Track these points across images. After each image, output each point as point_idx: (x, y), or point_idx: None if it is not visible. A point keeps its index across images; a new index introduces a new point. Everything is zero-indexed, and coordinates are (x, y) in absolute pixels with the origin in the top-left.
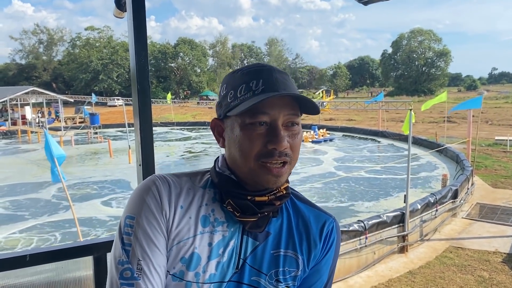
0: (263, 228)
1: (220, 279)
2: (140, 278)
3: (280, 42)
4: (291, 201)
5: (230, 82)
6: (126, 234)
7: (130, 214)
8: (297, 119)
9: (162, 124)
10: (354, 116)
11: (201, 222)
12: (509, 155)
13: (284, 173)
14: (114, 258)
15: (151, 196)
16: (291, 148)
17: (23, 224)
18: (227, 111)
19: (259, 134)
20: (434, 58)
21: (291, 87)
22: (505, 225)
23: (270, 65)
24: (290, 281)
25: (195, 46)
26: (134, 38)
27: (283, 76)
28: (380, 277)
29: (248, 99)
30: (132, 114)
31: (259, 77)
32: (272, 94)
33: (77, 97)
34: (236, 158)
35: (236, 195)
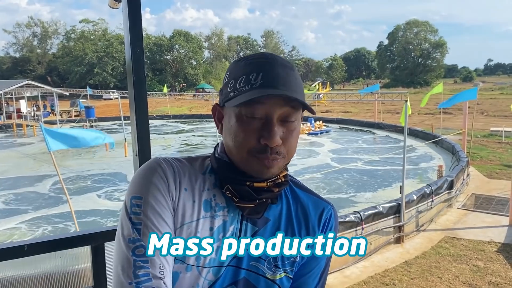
0: (262, 214)
1: (219, 264)
2: (155, 254)
3: (276, 34)
4: (290, 188)
5: (233, 71)
6: (135, 214)
7: (137, 194)
8: (293, 116)
9: (158, 117)
10: (350, 108)
11: (204, 206)
12: (504, 146)
13: (275, 165)
14: (124, 238)
15: (157, 176)
16: (285, 144)
17: (21, 217)
18: (226, 100)
19: (254, 128)
20: (430, 50)
21: (292, 83)
22: (500, 215)
23: (275, 56)
24: (288, 267)
25: (191, 39)
26: (129, 29)
27: (285, 70)
28: (377, 268)
29: (245, 92)
30: (128, 107)
31: (259, 70)
32: (267, 92)
33: (72, 90)
34: (231, 147)
35: (234, 181)
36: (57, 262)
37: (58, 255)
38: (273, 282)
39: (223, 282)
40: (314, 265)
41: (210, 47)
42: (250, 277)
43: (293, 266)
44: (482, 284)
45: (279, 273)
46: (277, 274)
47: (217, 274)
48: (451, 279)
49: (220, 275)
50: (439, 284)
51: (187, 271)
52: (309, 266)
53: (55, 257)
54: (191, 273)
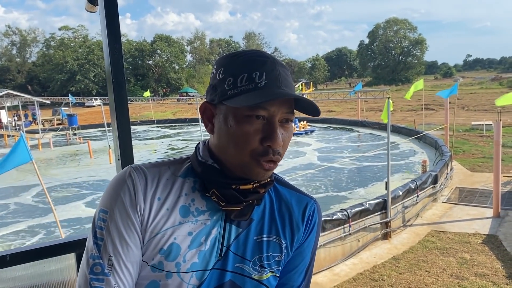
0: (248, 216)
1: (203, 267)
2: (111, 274)
3: (258, 36)
4: (273, 186)
5: (228, 67)
6: (99, 228)
7: (104, 208)
8: (292, 116)
9: (142, 122)
10: (333, 107)
11: (180, 212)
12: (485, 139)
13: (273, 169)
14: (86, 251)
15: (125, 190)
16: (283, 145)
17: (6, 229)
18: (224, 98)
19: (256, 129)
20: (410, 47)
21: (290, 83)
22: (484, 207)
23: (271, 55)
24: (275, 266)
25: (172, 43)
26: (107, 31)
27: (284, 70)
28: (365, 264)
29: (250, 91)
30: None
31: (262, 69)
32: (277, 95)
33: (53, 98)
34: (228, 149)
35: (220, 185)
36: (41, 272)
37: (42, 264)
38: (259, 283)
39: (208, 286)
40: (299, 261)
41: (192, 51)
42: (236, 279)
43: (279, 265)
44: (469, 275)
45: (266, 273)
46: (263, 274)
47: (201, 278)
48: (439, 272)
49: (205, 279)
50: (427, 278)
51: (167, 279)
52: (294, 262)
53: (39, 267)
54: (172, 280)
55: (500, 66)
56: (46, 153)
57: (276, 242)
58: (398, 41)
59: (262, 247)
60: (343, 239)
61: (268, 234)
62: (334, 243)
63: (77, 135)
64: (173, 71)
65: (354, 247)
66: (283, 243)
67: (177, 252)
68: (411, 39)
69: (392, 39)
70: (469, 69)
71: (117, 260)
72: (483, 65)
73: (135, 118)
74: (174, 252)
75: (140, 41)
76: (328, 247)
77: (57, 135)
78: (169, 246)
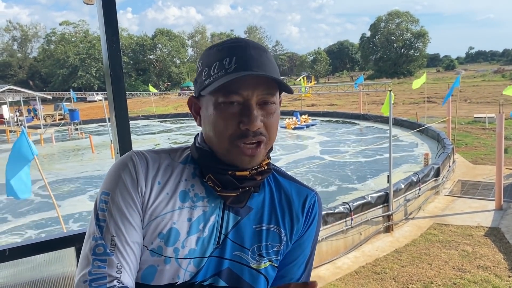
0: (245, 203)
1: (201, 255)
2: (114, 254)
3: (259, 30)
4: (273, 176)
5: (205, 58)
6: (101, 210)
7: (106, 190)
8: (272, 98)
9: (143, 117)
10: (335, 101)
11: (180, 197)
12: (487, 131)
13: (258, 154)
14: (88, 235)
15: (127, 172)
16: (266, 127)
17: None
18: (201, 89)
19: (232, 113)
20: (412, 40)
21: (266, 65)
22: (486, 200)
23: (246, 40)
24: (273, 256)
25: (173, 37)
26: (105, 24)
27: (259, 52)
28: (367, 257)
29: (220, 78)
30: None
31: (232, 54)
32: (242, 74)
33: (55, 93)
34: (212, 137)
35: (216, 170)
36: (41, 266)
37: (42, 258)
38: (257, 272)
39: (205, 273)
40: (299, 254)
41: (193, 45)
42: (234, 267)
43: (278, 255)
44: (471, 268)
45: (264, 262)
46: (261, 263)
47: (199, 265)
48: (441, 264)
49: (202, 266)
50: (429, 271)
51: (166, 264)
52: (294, 254)
53: (39, 261)
54: (170, 266)
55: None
56: (48, 148)
57: (275, 231)
58: (400, 33)
59: (261, 236)
60: (345, 232)
61: (267, 224)
62: (336, 236)
63: (79, 130)
64: (174, 66)
65: (356, 240)
66: (283, 233)
67: (176, 237)
68: (413, 31)
69: (394, 32)
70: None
71: (120, 239)
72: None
73: (137, 113)
74: (173, 237)
75: (141, 35)
76: (330, 240)
77: (59, 130)
78: (168, 230)
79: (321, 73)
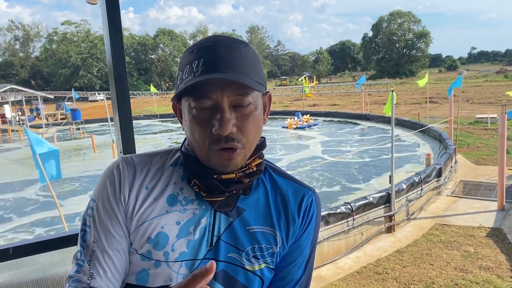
0: (233, 207)
1: (193, 257)
2: (89, 260)
3: (261, 30)
4: (269, 175)
5: (181, 62)
6: (88, 216)
7: (94, 197)
8: (246, 99)
9: (145, 117)
10: (337, 101)
11: (168, 201)
12: (490, 132)
13: (236, 157)
14: (79, 236)
15: (112, 180)
16: (241, 130)
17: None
18: (176, 94)
19: (204, 119)
20: (414, 40)
21: (237, 64)
22: (488, 201)
23: (218, 38)
24: (268, 258)
25: (175, 37)
26: (108, 24)
27: (229, 51)
28: (369, 257)
29: (189, 82)
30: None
31: (200, 56)
32: (201, 79)
33: (57, 93)
34: (192, 143)
35: (201, 175)
36: (44, 265)
37: (45, 257)
38: (253, 273)
39: None
40: (298, 255)
41: None
42: (229, 269)
43: (273, 257)
44: (473, 268)
45: (259, 264)
46: (256, 265)
47: (192, 268)
48: (443, 265)
49: (195, 269)
50: (431, 271)
51: (156, 267)
52: (293, 256)
53: (42, 260)
54: (161, 269)
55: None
56: None
57: (270, 233)
58: (402, 33)
59: (255, 238)
60: (346, 232)
61: (262, 225)
62: (338, 237)
63: (80, 129)
64: (176, 65)
65: (357, 241)
66: (278, 235)
67: (165, 241)
68: (415, 31)
69: (396, 32)
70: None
71: (99, 247)
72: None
73: (138, 113)
74: (162, 241)
75: (143, 35)
76: (331, 241)
77: (60, 129)
78: (156, 235)
79: (323, 73)
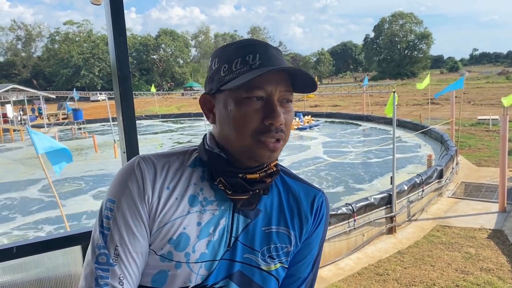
0: (255, 206)
1: (212, 258)
2: (116, 264)
3: (263, 30)
4: (281, 177)
5: (222, 55)
6: (106, 218)
7: (111, 198)
8: (291, 96)
9: (146, 117)
10: (339, 102)
11: (189, 202)
12: (491, 133)
13: (278, 148)
14: (92, 241)
15: (134, 180)
16: (286, 124)
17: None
18: (221, 85)
19: (256, 109)
20: (416, 41)
21: (285, 64)
22: (490, 202)
23: (263, 41)
24: (283, 257)
25: (177, 37)
26: (112, 24)
27: (278, 52)
28: (370, 258)
29: (245, 73)
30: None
31: (255, 51)
32: (272, 68)
33: (58, 93)
34: (230, 134)
35: (227, 173)
36: (47, 264)
37: (48, 256)
38: (268, 274)
39: (217, 276)
40: (307, 253)
41: (197, 45)
42: (245, 270)
43: (288, 256)
44: (474, 270)
45: (274, 264)
46: (272, 265)
47: (210, 269)
48: (444, 266)
49: (213, 269)
50: (432, 272)
51: (177, 269)
52: (302, 254)
53: (45, 259)
54: (181, 270)
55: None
56: None
57: (285, 233)
58: (403, 35)
59: (271, 238)
60: (347, 233)
61: (276, 225)
62: (339, 237)
63: (82, 129)
64: (177, 66)
65: (359, 242)
66: (292, 234)
67: (186, 242)
68: (417, 33)
69: (397, 33)
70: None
71: (123, 250)
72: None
73: (140, 113)
74: (184, 242)
75: (144, 35)
76: (333, 241)
77: (62, 129)
78: (178, 236)
79: (324, 74)
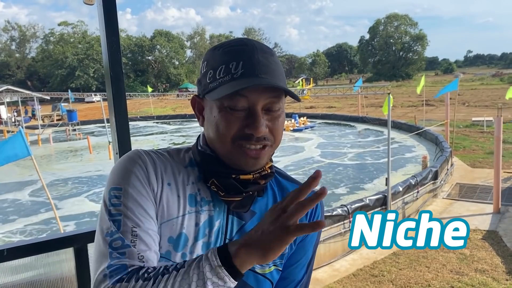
0: (248, 208)
1: None
2: (135, 244)
3: (258, 32)
4: (275, 179)
5: (210, 59)
6: (114, 206)
7: (116, 186)
8: (278, 104)
9: (141, 118)
10: (334, 103)
11: (189, 201)
12: (486, 135)
13: (263, 155)
14: (102, 232)
15: (138, 167)
16: (271, 131)
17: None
18: (206, 92)
19: (237, 117)
20: (411, 43)
21: (274, 70)
22: (484, 203)
23: (253, 42)
24: (278, 260)
25: (172, 38)
26: (105, 24)
27: (266, 56)
28: (365, 260)
29: (226, 83)
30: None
31: (239, 59)
32: (249, 84)
33: (53, 94)
34: (214, 140)
35: (220, 174)
36: (39, 267)
37: (40, 259)
38: (263, 276)
39: None
40: (301, 256)
41: (192, 46)
42: None
43: (282, 258)
44: (469, 271)
45: (269, 267)
46: (266, 268)
47: None
48: (439, 267)
49: None
50: (427, 273)
51: None
52: (296, 256)
53: (37, 261)
54: None
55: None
56: (46, 149)
57: None
58: (398, 36)
59: None
60: (343, 234)
61: None
62: (334, 239)
63: (76, 130)
64: (172, 67)
65: None
66: None
67: (184, 242)
68: (412, 34)
69: (392, 35)
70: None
71: (141, 230)
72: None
73: (135, 114)
74: (182, 243)
75: (139, 36)
76: (328, 243)
77: (56, 130)
78: (178, 235)
79: (319, 76)
